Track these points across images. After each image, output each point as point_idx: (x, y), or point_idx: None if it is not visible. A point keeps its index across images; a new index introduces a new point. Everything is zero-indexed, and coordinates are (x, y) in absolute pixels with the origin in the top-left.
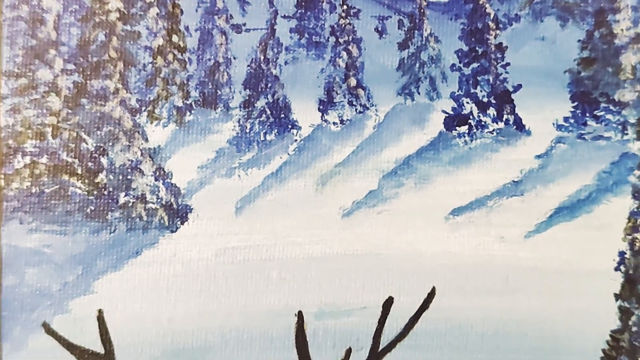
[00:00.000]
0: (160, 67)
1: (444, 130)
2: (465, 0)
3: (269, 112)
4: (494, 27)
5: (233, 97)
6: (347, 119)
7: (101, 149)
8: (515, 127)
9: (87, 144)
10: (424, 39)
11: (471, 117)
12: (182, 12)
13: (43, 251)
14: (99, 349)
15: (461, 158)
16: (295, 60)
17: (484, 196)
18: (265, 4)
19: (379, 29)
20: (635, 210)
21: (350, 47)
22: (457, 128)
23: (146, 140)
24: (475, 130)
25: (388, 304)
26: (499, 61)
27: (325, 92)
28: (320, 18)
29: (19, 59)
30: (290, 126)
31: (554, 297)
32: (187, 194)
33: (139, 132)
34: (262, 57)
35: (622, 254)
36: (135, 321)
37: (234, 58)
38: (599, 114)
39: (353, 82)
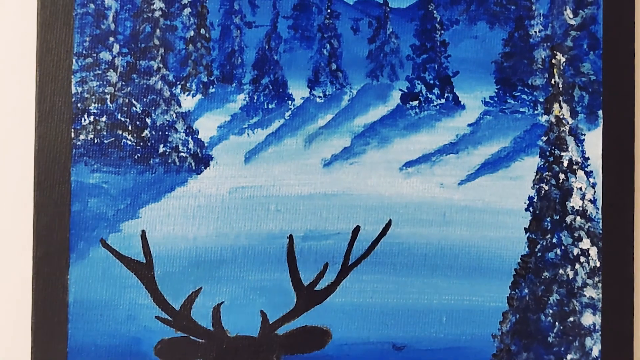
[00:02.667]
0: (191, 52)
1: (401, 103)
2: (419, 7)
3: (271, 88)
4: (440, 28)
5: (244, 76)
6: (329, 94)
7: (146, 112)
8: (453, 102)
9: (136, 107)
10: (387, 36)
11: (421, 94)
12: (208, 11)
13: (101, 186)
14: (142, 259)
15: (412, 125)
16: (291, 50)
17: (429, 153)
18: (270, 7)
19: (354, 27)
20: (541, 166)
21: (332, 41)
22: (410, 102)
23: (179, 106)
24: (423, 104)
25: (356, 231)
26: (442, 53)
27: (313, 74)
28: (311, 19)
29: (87, 43)
30: (286, 98)
31: (479, 229)
32: (209, 147)
33: (174, 100)
34: (266, 47)
35: (531, 198)
36: (169, 239)
37: (246, 47)
38: (516, 94)
39: (334, 66)
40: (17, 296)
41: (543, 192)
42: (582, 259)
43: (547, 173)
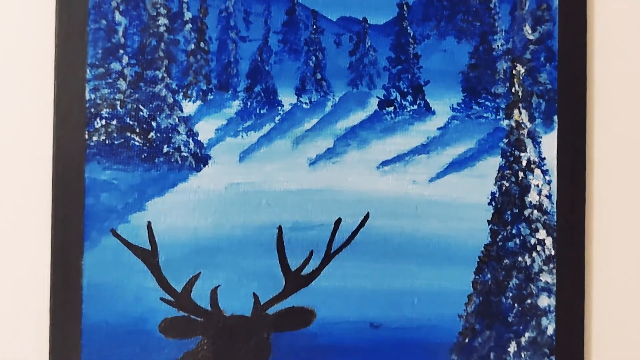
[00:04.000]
0: (192, 63)
1: (378, 109)
2: (394, 24)
3: (262, 95)
4: (413, 42)
5: (239, 84)
6: (314, 101)
7: (152, 116)
8: (424, 108)
9: (143, 112)
10: (366, 49)
11: (395, 101)
12: (207, 27)
13: (112, 182)
14: (147, 247)
15: (388, 128)
16: (281, 61)
17: (403, 153)
18: (262, 23)
19: (337, 42)
20: (502, 165)
21: (317, 54)
22: (386, 108)
23: (181, 111)
24: (398, 110)
25: (337, 222)
26: (415, 65)
27: (300, 83)
28: (298, 34)
29: (99, 55)
30: (276, 104)
31: (447, 221)
32: (207, 147)
33: (177, 105)
34: (259, 59)
35: (493, 194)
36: (172, 230)
37: (240, 58)
38: (480, 101)
39: (318, 76)
40: (37, 280)
41: (504, 188)
42: (539, 247)
43: (507, 171)
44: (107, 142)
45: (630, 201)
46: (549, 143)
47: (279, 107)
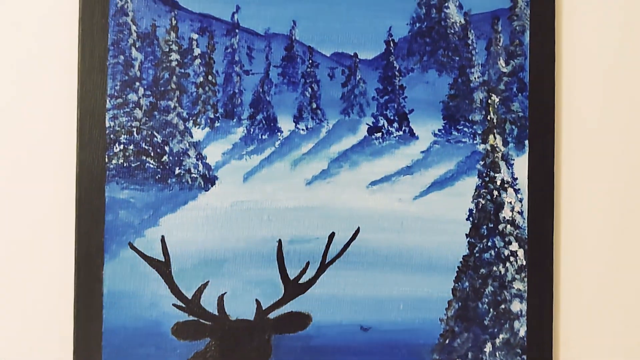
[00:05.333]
0: (201, 94)
1: (367, 135)
2: (382, 59)
3: (264, 122)
4: (398, 75)
5: (243, 113)
6: (310, 127)
7: (165, 141)
8: (409, 134)
9: (157, 138)
10: (356, 81)
11: (383, 128)
12: (214, 62)
13: (129, 200)
14: (161, 258)
15: (377, 152)
16: (280, 92)
17: (390, 174)
18: (263, 58)
19: (330, 74)
20: (479, 184)
21: (313, 85)
22: (375, 134)
23: (191, 136)
24: (385, 136)
25: (331, 236)
26: (400, 95)
27: (298, 111)
28: (296, 67)
29: (117, 87)
30: (276, 131)
31: (429, 235)
32: (214, 169)
33: (187, 132)
34: (261, 90)
35: (470, 210)
36: (183, 243)
37: (244, 90)
38: (459, 127)
39: (314, 105)
40: (62, 288)
41: (480, 205)
42: (512, 258)
43: (483, 190)
44: (125, 164)
45: (593, 216)
46: (521, 165)
47: (279, 133)
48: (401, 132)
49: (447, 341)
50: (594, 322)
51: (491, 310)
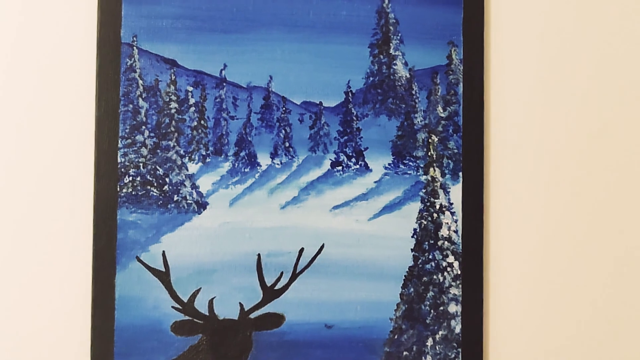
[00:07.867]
0: (195, 135)
1: (330, 168)
2: (342, 106)
3: (246, 158)
4: (356, 119)
5: (229, 150)
6: (284, 162)
7: (166, 174)
8: (364, 167)
9: (159, 171)
10: (321, 124)
11: (343, 162)
12: (205, 109)
13: (137, 222)
14: (162, 269)
15: (338, 182)
16: (259, 134)
17: (349, 200)
18: (246, 106)
19: (300, 119)
20: (422, 208)
21: (286, 128)
22: (336, 167)
23: (187, 170)
24: (345, 169)
25: (301, 251)
26: (357, 136)
27: (274, 149)
28: (272, 114)
29: (127, 130)
30: (256, 165)
31: (381, 249)
32: (206, 196)
33: (184, 166)
34: (244, 132)
35: (415, 229)
36: (180, 256)
37: (230, 132)
38: (405, 162)
39: (287, 144)
40: (82, 293)
41: (423, 225)
42: (449, 269)
43: (425, 213)
44: (133, 193)
45: (515, 234)
46: (456, 192)
47: (258, 167)
48: (358, 166)
49: (396, 337)
50: (517, 321)
51: (432, 311)
